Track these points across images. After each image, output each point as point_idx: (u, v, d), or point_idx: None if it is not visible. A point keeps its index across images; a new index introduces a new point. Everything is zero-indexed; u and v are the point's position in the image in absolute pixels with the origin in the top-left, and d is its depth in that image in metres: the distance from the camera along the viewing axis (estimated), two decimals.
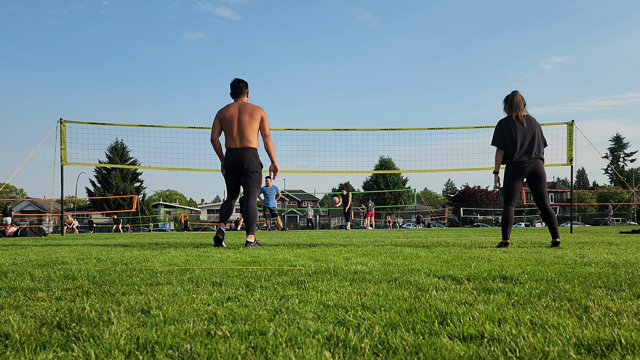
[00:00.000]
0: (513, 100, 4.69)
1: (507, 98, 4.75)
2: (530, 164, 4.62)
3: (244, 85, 5.17)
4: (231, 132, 5.00)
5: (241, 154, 4.96)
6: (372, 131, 11.61)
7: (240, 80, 5.19)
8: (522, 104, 4.68)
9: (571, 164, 10.55)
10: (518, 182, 4.67)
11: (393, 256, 3.47)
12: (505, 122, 4.69)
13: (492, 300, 1.62)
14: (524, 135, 4.61)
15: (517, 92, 4.73)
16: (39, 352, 1.07)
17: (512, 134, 4.61)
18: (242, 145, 4.98)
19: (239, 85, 5.15)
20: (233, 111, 5.02)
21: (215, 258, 3.42)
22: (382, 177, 52.60)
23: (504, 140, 4.68)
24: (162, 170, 11.94)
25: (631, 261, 2.93)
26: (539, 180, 4.68)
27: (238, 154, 4.96)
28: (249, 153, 4.98)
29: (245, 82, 5.20)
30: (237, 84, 5.15)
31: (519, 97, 4.69)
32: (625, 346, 1.06)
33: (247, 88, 5.21)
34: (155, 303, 1.59)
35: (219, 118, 5.07)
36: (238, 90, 5.15)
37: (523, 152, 4.62)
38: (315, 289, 1.87)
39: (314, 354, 1.03)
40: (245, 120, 4.97)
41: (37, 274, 2.49)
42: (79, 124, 10.88)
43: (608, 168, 73.49)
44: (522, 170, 4.64)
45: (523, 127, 4.62)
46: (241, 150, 4.97)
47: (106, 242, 6.96)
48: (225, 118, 5.02)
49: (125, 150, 47.40)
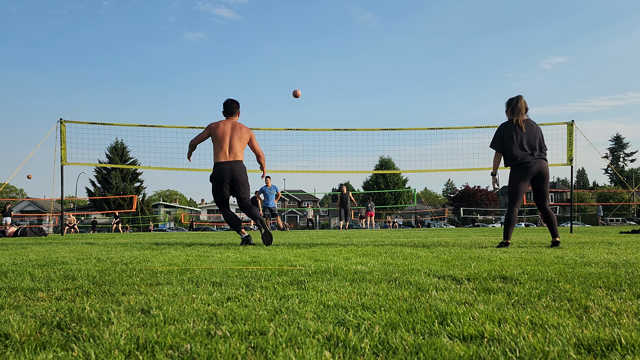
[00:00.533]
0: (517, 104, 4.75)
1: (511, 101, 4.81)
2: (535, 163, 4.65)
3: (236, 106, 5.67)
4: (221, 146, 5.47)
5: (232, 166, 5.46)
6: (372, 131, 11.62)
7: (233, 100, 5.66)
8: (524, 109, 4.76)
9: (571, 164, 10.55)
10: (524, 183, 4.70)
11: (393, 256, 3.47)
12: (506, 126, 4.74)
13: (492, 300, 1.62)
14: (526, 137, 4.68)
15: (522, 97, 4.78)
16: (39, 352, 1.07)
17: (513, 137, 4.67)
18: (232, 158, 5.48)
19: (231, 105, 5.64)
20: (226, 128, 5.50)
21: (215, 258, 3.42)
22: (382, 177, 52.61)
23: (503, 143, 4.74)
24: (162, 170, 11.93)
25: (631, 261, 2.93)
26: (543, 181, 4.73)
27: (229, 166, 5.45)
28: (239, 165, 5.51)
29: (237, 103, 5.69)
30: (230, 104, 5.64)
31: (523, 102, 4.76)
32: (625, 346, 1.06)
33: (239, 108, 5.71)
34: (155, 303, 1.59)
35: (210, 131, 5.54)
36: (231, 110, 5.64)
37: (526, 152, 4.66)
38: (315, 289, 1.87)
39: (314, 354, 1.03)
40: (236, 138, 5.50)
41: (37, 274, 2.49)
42: (79, 124, 10.88)
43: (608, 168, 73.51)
44: (528, 171, 4.66)
45: (522, 131, 4.68)
46: (232, 163, 5.47)
47: (106, 242, 6.96)
48: (217, 133, 5.48)
49: (125, 150, 47.41)
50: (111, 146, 46.93)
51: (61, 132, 10.54)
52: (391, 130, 11.41)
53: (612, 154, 76.85)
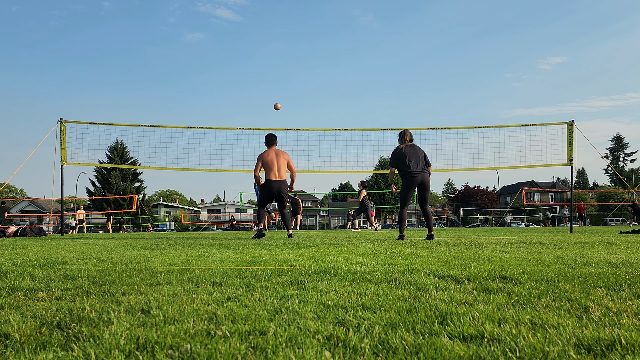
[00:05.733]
0: (404, 135, 6.74)
1: (401, 134, 6.84)
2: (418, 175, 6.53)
3: (275, 138, 8.00)
4: (271, 168, 7.83)
5: (280, 185, 7.85)
6: (372, 131, 11.62)
7: (274, 135, 7.99)
8: (408, 139, 6.75)
9: (571, 164, 10.55)
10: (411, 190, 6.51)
11: (393, 256, 3.47)
12: (398, 150, 6.69)
13: (492, 300, 1.62)
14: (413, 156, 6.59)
15: (408, 130, 6.82)
16: (39, 352, 1.07)
17: (404, 157, 6.57)
18: (279, 177, 7.85)
19: (272, 139, 7.98)
20: (272, 156, 7.85)
21: (215, 258, 3.41)
22: (382, 177, 52.58)
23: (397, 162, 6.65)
24: (162, 170, 11.93)
25: (631, 261, 2.93)
26: (425, 189, 6.58)
27: (278, 184, 7.84)
28: (284, 184, 7.90)
29: (275, 136, 8.00)
30: (272, 137, 7.97)
31: (409, 134, 6.77)
32: (625, 346, 1.06)
33: (276, 140, 8.02)
34: (155, 303, 1.59)
35: (262, 160, 7.83)
36: (272, 142, 7.97)
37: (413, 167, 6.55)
38: (315, 289, 1.87)
39: (314, 354, 1.03)
40: (281, 162, 7.87)
41: (37, 274, 2.49)
42: (79, 124, 10.89)
43: (608, 168, 73.48)
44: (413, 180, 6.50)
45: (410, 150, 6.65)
46: (280, 182, 7.86)
47: (106, 242, 6.96)
48: (267, 161, 7.82)
49: (125, 150, 47.39)
50: (111, 146, 46.93)
51: (61, 132, 10.54)
52: (391, 130, 11.41)
53: (612, 154, 76.86)
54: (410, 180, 6.47)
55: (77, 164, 10.96)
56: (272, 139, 7.98)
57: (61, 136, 10.52)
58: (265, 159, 7.82)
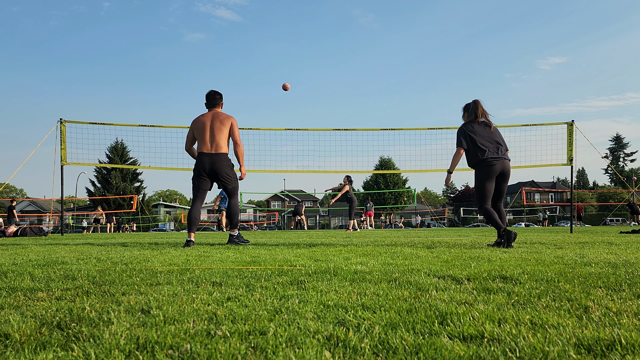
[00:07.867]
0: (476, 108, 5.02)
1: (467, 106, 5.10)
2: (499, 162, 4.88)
3: (219, 97, 5.46)
4: (203, 137, 5.27)
5: (213, 159, 5.24)
6: (372, 131, 11.61)
7: (216, 92, 5.46)
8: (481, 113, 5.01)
9: (571, 164, 10.55)
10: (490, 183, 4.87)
11: (393, 256, 3.47)
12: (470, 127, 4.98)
13: (492, 300, 1.62)
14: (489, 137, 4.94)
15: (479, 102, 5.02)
16: (39, 352, 1.07)
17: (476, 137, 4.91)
18: (214, 150, 5.25)
19: (214, 96, 5.45)
20: (205, 119, 5.33)
21: (215, 258, 3.41)
22: (382, 177, 52.58)
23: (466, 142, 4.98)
24: (162, 170, 11.93)
25: (631, 261, 2.93)
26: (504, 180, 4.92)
27: (210, 159, 5.24)
28: (220, 158, 5.26)
29: (220, 94, 5.48)
30: (212, 95, 5.44)
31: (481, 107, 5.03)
32: (625, 346, 1.06)
33: (222, 100, 5.50)
34: (155, 303, 1.59)
35: (192, 127, 5.38)
36: (213, 101, 5.44)
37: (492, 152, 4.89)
38: (315, 289, 1.87)
39: (314, 354, 1.03)
40: (217, 127, 5.26)
41: (37, 274, 2.49)
42: (79, 124, 10.88)
43: (608, 168, 73.48)
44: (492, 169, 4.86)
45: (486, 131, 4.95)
46: (213, 156, 5.25)
47: (106, 242, 6.96)
48: (197, 126, 5.32)
49: (125, 150, 47.39)
50: (111, 146, 46.91)
51: (61, 132, 10.54)
52: (391, 130, 11.41)
53: (612, 154, 76.85)
54: (487, 169, 4.82)
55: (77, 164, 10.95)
56: (213, 97, 5.42)
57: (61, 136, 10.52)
58: (196, 124, 5.32)
